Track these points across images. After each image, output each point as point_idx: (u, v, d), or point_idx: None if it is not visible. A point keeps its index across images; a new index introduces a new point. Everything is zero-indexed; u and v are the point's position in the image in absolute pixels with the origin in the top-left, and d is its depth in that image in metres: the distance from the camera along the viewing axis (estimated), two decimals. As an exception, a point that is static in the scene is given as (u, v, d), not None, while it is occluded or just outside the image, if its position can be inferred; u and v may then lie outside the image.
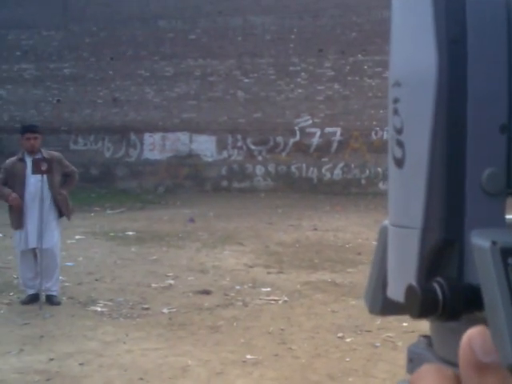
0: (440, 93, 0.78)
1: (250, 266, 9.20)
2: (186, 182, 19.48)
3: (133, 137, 20.43)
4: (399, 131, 0.83)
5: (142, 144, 20.39)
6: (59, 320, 6.77)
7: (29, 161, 7.44)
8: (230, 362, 5.60)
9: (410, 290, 0.77)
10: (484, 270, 0.75)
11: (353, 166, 18.06)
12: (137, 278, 8.51)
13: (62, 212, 7.59)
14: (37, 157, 7.43)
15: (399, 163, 0.83)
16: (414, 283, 0.77)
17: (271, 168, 19.28)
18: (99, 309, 7.19)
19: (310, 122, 19.09)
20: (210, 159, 19.75)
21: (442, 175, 0.79)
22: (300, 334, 6.29)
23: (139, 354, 5.80)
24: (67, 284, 8.18)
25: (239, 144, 19.64)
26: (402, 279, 0.83)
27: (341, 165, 18.58)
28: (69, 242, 10.74)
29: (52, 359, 5.61)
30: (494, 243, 0.75)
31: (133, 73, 20.24)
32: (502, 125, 0.79)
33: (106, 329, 6.49)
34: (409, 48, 0.83)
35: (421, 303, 0.75)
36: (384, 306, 0.96)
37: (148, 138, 20.35)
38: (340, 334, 6.13)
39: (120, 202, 16.52)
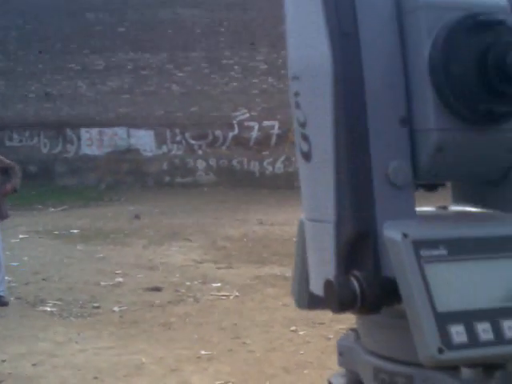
0: (337, 85, 0.79)
1: (199, 262, 9.21)
2: (128, 177, 19.28)
3: (69, 132, 20.06)
4: (303, 125, 0.86)
5: (79, 139, 20.05)
6: (8, 321, 6.66)
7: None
8: (185, 358, 5.62)
9: (327, 284, 0.79)
10: (398, 263, 0.77)
11: (293, 159, 18.16)
12: (85, 277, 8.43)
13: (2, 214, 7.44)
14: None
15: (306, 157, 0.86)
16: (331, 278, 0.79)
17: (212, 162, 19.23)
18: (49, 308, 7.10)
19: (248, 115, 19.08)
20: (149, 154, 19.57)
21: (349, 168, 0.80)
22: (253, 328, 6.35)
23: (92, 353, 5.76)
24: (14, 284, 8.05)
25: (178, 138, 19.51)
26: (321, 273, 0.85)
27: (282, 158, 18.67)
28: (13, 241, 10.55)
29: (4, 361, 5.53)
30: (405, 235, 0.77)
31: (63, 66, 19.81)
32: (402, 117, 0.82)
33: (57, 329, 6.42)
34: (304, 42, 0.85)
35: (338, 297, 0.77)
36: (310, 300, 0.95)
37: (85, 133, 20.01)
38: (293, 328, 6.21)
39: (61, 200, 16.27)
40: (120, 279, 8.30)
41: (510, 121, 0.83)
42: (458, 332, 0.75)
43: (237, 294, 7.56)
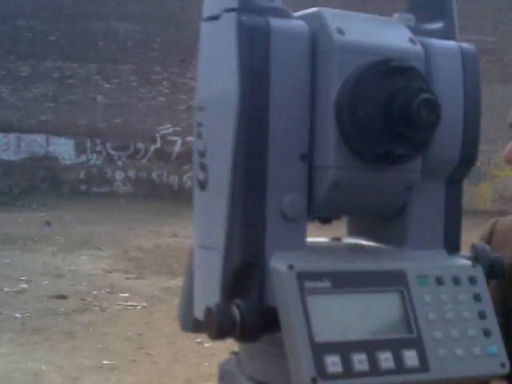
0: (240, 118, 0.80)
1: (108, 272, 9.03)
2: (43, 184, 18.87)
3: (-14, 136, 19.56)
4: (202, 154, 0.87)
5: (-5, 144, 19.56)
6: None
7: None
8: (86, 367, 5.47)
9: (208, 311, 0.80)
10: (281, 294, 0.78)
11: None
12: (-13, 282, 8.14)
13: None
14: None
15: (202, 185, 0.87)
16: (211, 305, 0.79)
17: (131, 174, 19.05)
18: None
19: (172, 130, 19.06)
20: (68, 162, 19.25)
21: (242, 199, 0.81)
22: (159, 339, 6.25)
23: (-11, 359, 5.55)
24: None
25: (98, 148, 19.28)
26: (205, 300, 0.86)
27: (201, 173, 18.64)
28: None
29: None
30: (290, 267, 0.78)
31: (-13, 70, 19.37)
32: (303, 154, 0.84)
33: (-47, 333, 6.16)
34: (214, 74, 0.86)
35: (218, 324, 0.77)
36: (194, 325, 0.95)
37: (2, 137, 19.54)
38: (199, 340, 6.13)
39: (-29, 203, 15.76)
40: (24, 285, 8.05)
41: (409, 161, 0.85)
42: (333, 362, 0.76)
43: (144, 304, 7.44)
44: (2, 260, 9.48)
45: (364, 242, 0.97)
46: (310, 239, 0.89)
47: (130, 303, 7.46)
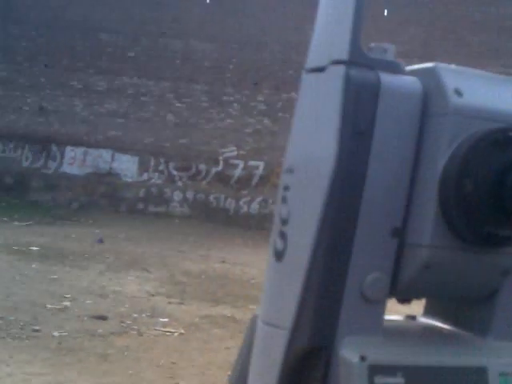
0: (334, 184, 0.72)
1: (152, 295, 9.05)
2: (102, 200, 19.15)
3: (54, 148, 20.01)
4: (284, 222, 0.78)
5: (62, 157, 19.98)
6: None
7: None
8: (114, 394, 5.45)
9: None
10: None
11: (271, 201, 18.11)
12: (33, 297, 8.24)
13: None
14: None
15: (279, 256, 0.78)
16: None
17: (189, 195, 19.16)
18: (-13, 326, 6.91)
19: (235, 153, 19.11)
20: (129, 180, 19.50)
21: (321, 275, 0.73)
22: (191, 369, 6.19)
23: (21, 378, 5.58)
24: (-43, 297, 7.86)
25: (161, 168, 19.48)
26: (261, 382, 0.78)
27: (259, 199, 18.62)
28: (-33, 252, 10.38)
29: None
30: (362, 358, 0.69)
31: (65, 83, 19.84)
32: (395, 228, 0.74)
33: (-10, 348, 6.24)
34: (310, 131, 0.77)
35: None
36: None
37: (69, 151, 19.96)
38: (230, 372, 6.06)
39: (29, 214, 16.07)
40: (67, 303, 8.13)
41: (511, 245, 0.76)
42: None
43: (182, 331, 7.40)
44: (51, 275, 9.61)
45: (441, 325, 0.87)
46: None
47: (168, 329, 7.44)
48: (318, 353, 0.72)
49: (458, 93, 0.74)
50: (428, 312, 0.90)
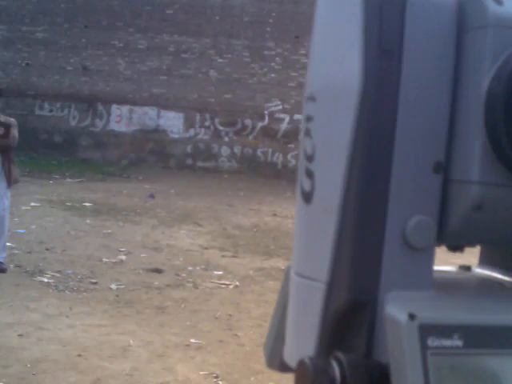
0: (362, 110, 0.63)
1: (205, 248, 9.09)
2: (150, 157, 19.26)
3: (100, 107, 20.12)
4: (310, 158, 0.69)
5: (108, 115, 20.10)
6: (2, 289, 6.59)
7: (-15, 122, 7.25)
8: (173, 344, 5.50)
9: (301, 365, 0.63)
10: (396, 351, 0.60)
11: (318, 154, 17.92)
12: (88, 251, 8.35)
13: (11, 177, 7.32)
14: (-7, 121, 7.26)
15: (307, 198, 0.69)
16: (306, 359, 0.62)
17: (237, 150, 19.15)
18: (46, 279, 7.03)
19: (280, 107, 18.98)
20: (176, 136, 19.55)
21: (356, 219, 0.64)
22: (247, 321, 6.21)
23: (81, 329, 5.67)
24: (16, 252, 7.99)
25: (207, 123, 19.47)
26: (298, 344, 0.69)
27: (307, 153, 18.52)
28: (23, 208, 10.54)
29: (-10, 329, 5.46)
30: (411, 317, 0.60)
31: (106, 43, 19.88)
32: (437, 162, 0.65)
33: (50, 301, 6.33)
34: (331, 55, 0.69)
35: None
36: (281, 365, 0.77)
37: (115, 109, 20.05)
38: (287, 324, 6.07)
39: (80, 172, 16.26)
40: (123, 257, 8.21)
41: None
42: None
43: (237, 283, 7.42)
44: (105, 230, 9.72)
45: (501, 277, 0.75)
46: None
47: (223, 281, 7.47)
48: (361, 309, 0.63)
49: (498, 1, 0.63)
50: (484, 261, 0.79)
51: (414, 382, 0.57)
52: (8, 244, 7.72)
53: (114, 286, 6.98)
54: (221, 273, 7.83)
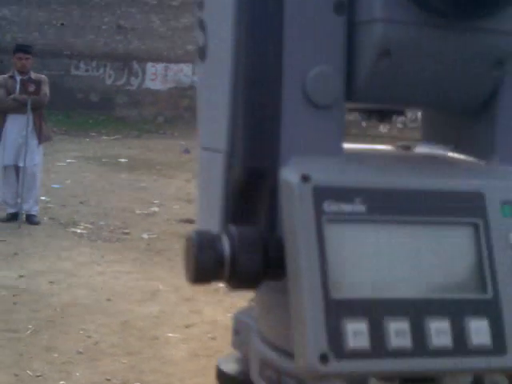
0: None
1: (238, 199, 9.11)
2: (186, 113, 19.27)
3: (135, 65, 20.16)
4: (201, 5, 0.60)
5: (143, 73, 20.14)
6: (36, 239, 6.70)
7: (19, 80, 7.33)
8: (202, 289, 5.52)
9: (187, 242, 0.55)
10: (289, 219, 0.52)
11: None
12: (122, 204, 8.42)
13: (42, 135, 7.38)
14: (26, 77, 7.32)
15: (202, 53, 0.62)
16: (192, 233, 0.55)
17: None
18: (79, 230, 7.12)
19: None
20: (211, 92, 19.56)
21: (248, 71, 0.55)
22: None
23: (111, 276, 5.74)
24: (51, 205, 8.10)
25: (242, 79, 19.44)
26: (205, 221, 0.64)
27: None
28: (59, 164, 10.66)
29: (22, 276, 5.55)
30: (304, 178, 0.51)
31: (139, 0, 19.84)
32: (338, 2, 0.55)
33: (82, 250, 6.42)
34: None
35: (196, 261, 0.53)
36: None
37: (150, 67, 20.08)
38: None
39: (116, 129, 16.37)
40: (156, 209, 8.27)
41: (498, 16, 0.54)
42: (356, 331, 0.50)
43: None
44: (139, 184, 9.79)
45: (439, 152, 0.66)
46: (360, 145, 0.63)
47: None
48: (262, 178, 0.56)
49: None
50: (426, 138, 0.69)
51: (307, 251, 0.50)
52: (43, 198, 7.83)
53: (145, 236, 7.05)
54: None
